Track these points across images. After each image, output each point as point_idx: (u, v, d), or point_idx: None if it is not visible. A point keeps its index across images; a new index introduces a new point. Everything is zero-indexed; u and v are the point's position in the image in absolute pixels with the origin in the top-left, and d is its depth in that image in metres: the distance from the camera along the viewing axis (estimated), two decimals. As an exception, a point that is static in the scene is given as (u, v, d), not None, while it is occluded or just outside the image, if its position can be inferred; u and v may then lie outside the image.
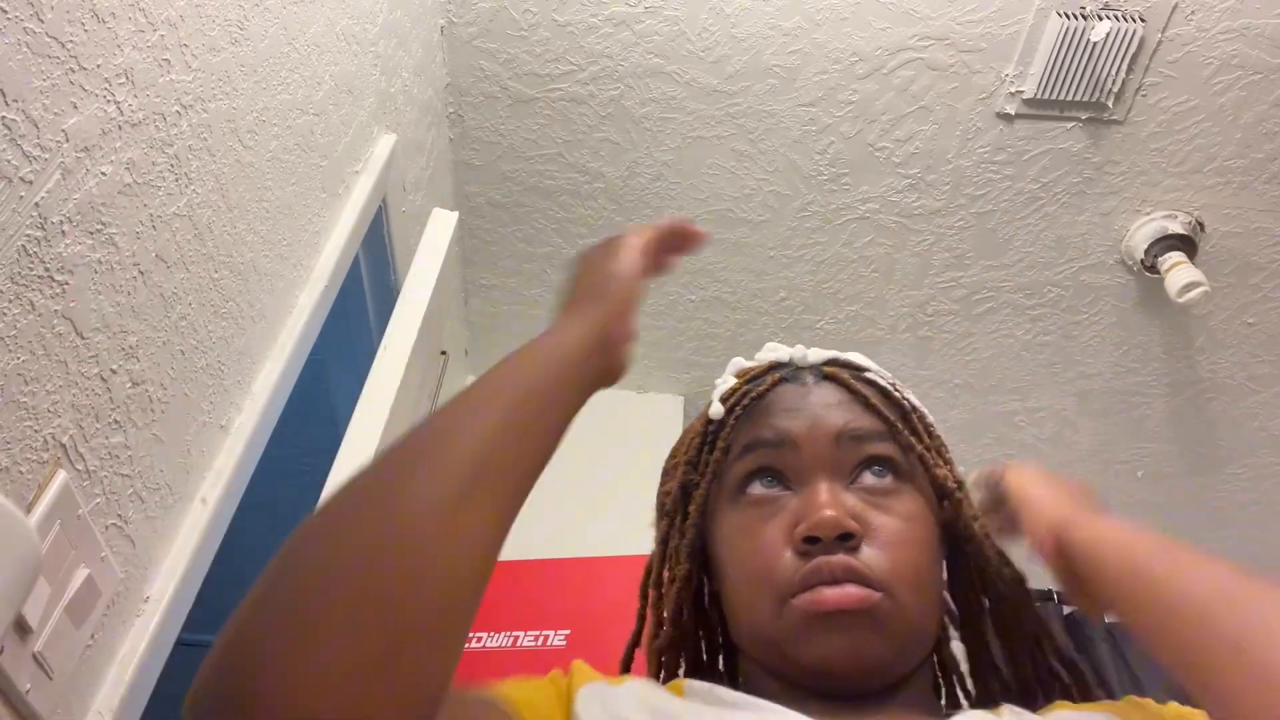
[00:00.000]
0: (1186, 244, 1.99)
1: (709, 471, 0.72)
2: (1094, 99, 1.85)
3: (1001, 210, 2.03)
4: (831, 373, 0.73)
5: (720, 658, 0.78)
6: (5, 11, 0.63)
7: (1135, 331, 2.21)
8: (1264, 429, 2.35)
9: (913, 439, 0.70)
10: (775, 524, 0.65)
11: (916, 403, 0.74)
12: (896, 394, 0.73)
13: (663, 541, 0.76)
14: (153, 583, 0.92)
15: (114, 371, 0.81)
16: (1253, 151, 1.91)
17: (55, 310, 0.72)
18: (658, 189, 2.06)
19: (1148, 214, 2.01)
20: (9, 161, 0.65)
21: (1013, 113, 1.89)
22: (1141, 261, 2.03)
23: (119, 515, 0.84)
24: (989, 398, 2.36)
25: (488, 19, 1.85)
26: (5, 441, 0.68)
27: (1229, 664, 0.49)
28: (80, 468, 0.78)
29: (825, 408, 0.69)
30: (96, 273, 0.77)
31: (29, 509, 0.71)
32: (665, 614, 0.74)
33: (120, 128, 0.79)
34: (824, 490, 0.64)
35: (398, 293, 1.55)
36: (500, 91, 1.94)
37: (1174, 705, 0.63)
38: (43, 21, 0.68)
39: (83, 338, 0.76)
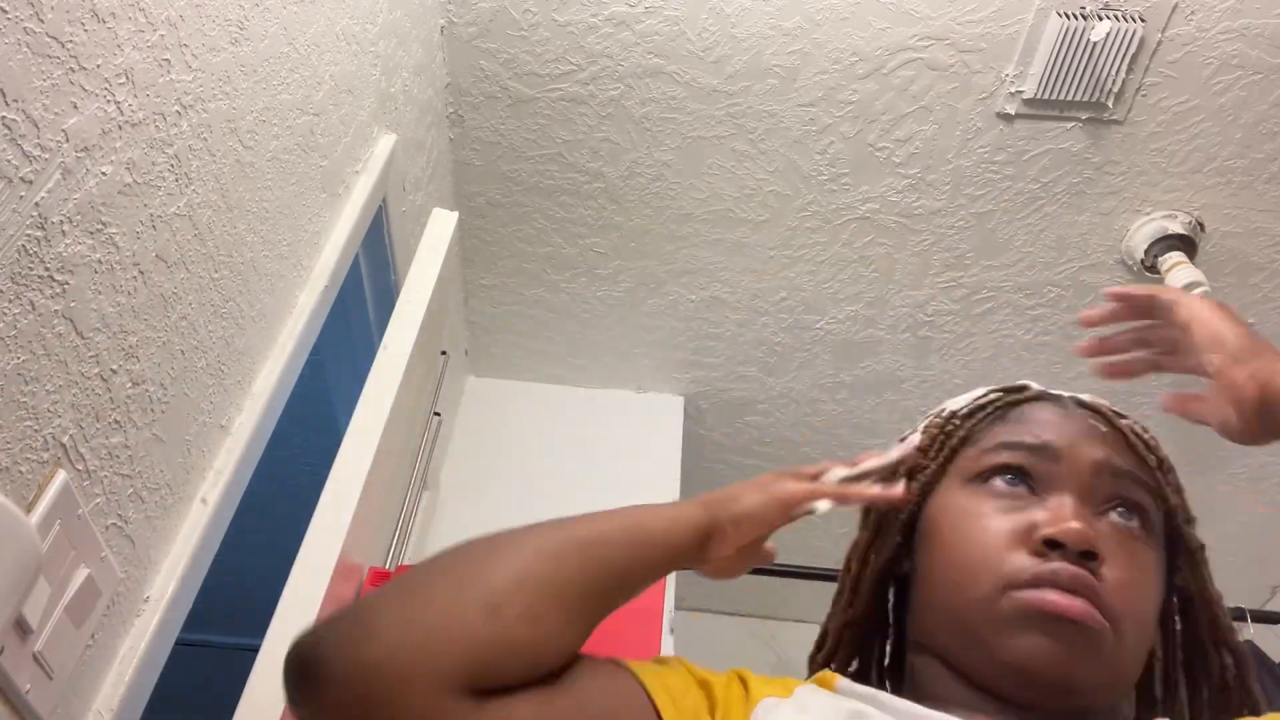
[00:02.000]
0: (1186, 244, 1.99)
1: (940, 456, 0.70)
2: (1094, 99, 1.85)
3: (1001, 210, 2.03)
4: (1093, 405, 0.72)
5: (883, 650, 0.77)
6: (5, 11, 0.63)
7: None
8: (1264, 429, 2.34)
9: (1167, 491, 0.69)
10: (1012, 519, 0.63)
11: (1167, 458, 0.73)
12: (1155, 445, 0.72)
13: (875, 524, 0.75)
14: (153, 583, 0.92)
15: (114, 371, 0.81)
16: (1253, 151, 1.91)
17: (55, 310, 0.72)
18: (658, 189, 2.06)
19: (1148, 214, 2.01)
20: (9, 161, 0.65)
21: (1013, 113, 1.89)
22: (1141, 261, 2.03)
23: (119, 515, 0.85)
24: (989, 398, 2.36)
25: (488, 19, 1.85)
26: (5, 441, 0.68)
27: None
28: (80, 468, 0.78)
29: (1090, 434, 0.68)
30: (96, 273, 0.77)
31: (29, 509, 0.71)
32: (861, 588, 0.73)
33: (120, 128, 0.79)
34: (1073, 504, 0.63)
35: (398, 293, 1.55)
36: (500, 91, 1.94)
37: None
38: (43, 21, 0.68)
39: (83, 338, 0.76)
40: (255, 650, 1.08)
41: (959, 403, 0.75)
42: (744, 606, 2.75)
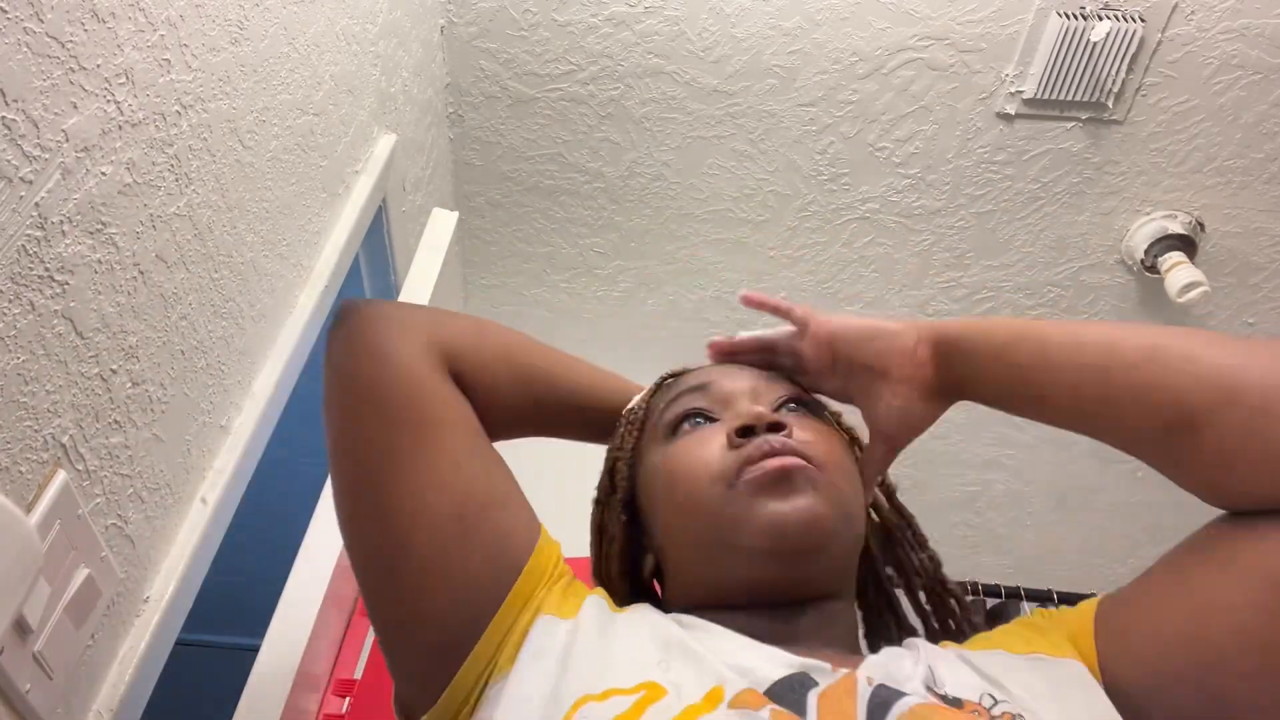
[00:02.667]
0: (1186, 244, 1.99)
1: (631, 438, 0.77)
2: (1094, 99, 1.85)
3: (1001, 210, 2.03)
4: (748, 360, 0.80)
5: None
6: (5, 11, 0.63)
7: (1135, 331, 2.21)
8: (1264, 429, 2.34)
9: (819, 399, 0.77)
10: (710, 439, 0.69)
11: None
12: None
13: (598, 522, 0.80)
14: (153, 583, 0.92)
15: (114, 371, 0.81)
16: (1253, 151, 1.91)
17: (55, 310, 0.72)
18: (658, 189, 2.06)
19: (1148, 214, 2.01)
20: (9, 161, 0.65)
21: (1013, 113, 1.89)
22: (1141, 261, 2.03)
23: (119, 515, 0.85)
24: (989, 398, 2.36)
25: (488, 19, 1.85)
26: (5, 441, 0.68)
27: (1144, 364, 0.59)
28: (80, 468, 0.78)
29: (739, 370, 0.77)
30: (96, 273, 0.77)
31: (29, 509, 0.71)
32: (604, 578, 0.79)
33: (120, 128, 0.79)
34: (748, 398, 0.71)
35: (398, 293, 1.55)
36: (500, 91, 1.94)
37: (1064, 608, 0.68)
38: (43, 21, 0.68)
39: (83, 338, 0.76)
40: (255, 650, 1.08)
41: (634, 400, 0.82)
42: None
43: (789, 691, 0.56)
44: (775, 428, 0.67)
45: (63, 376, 0.74)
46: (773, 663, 0.59)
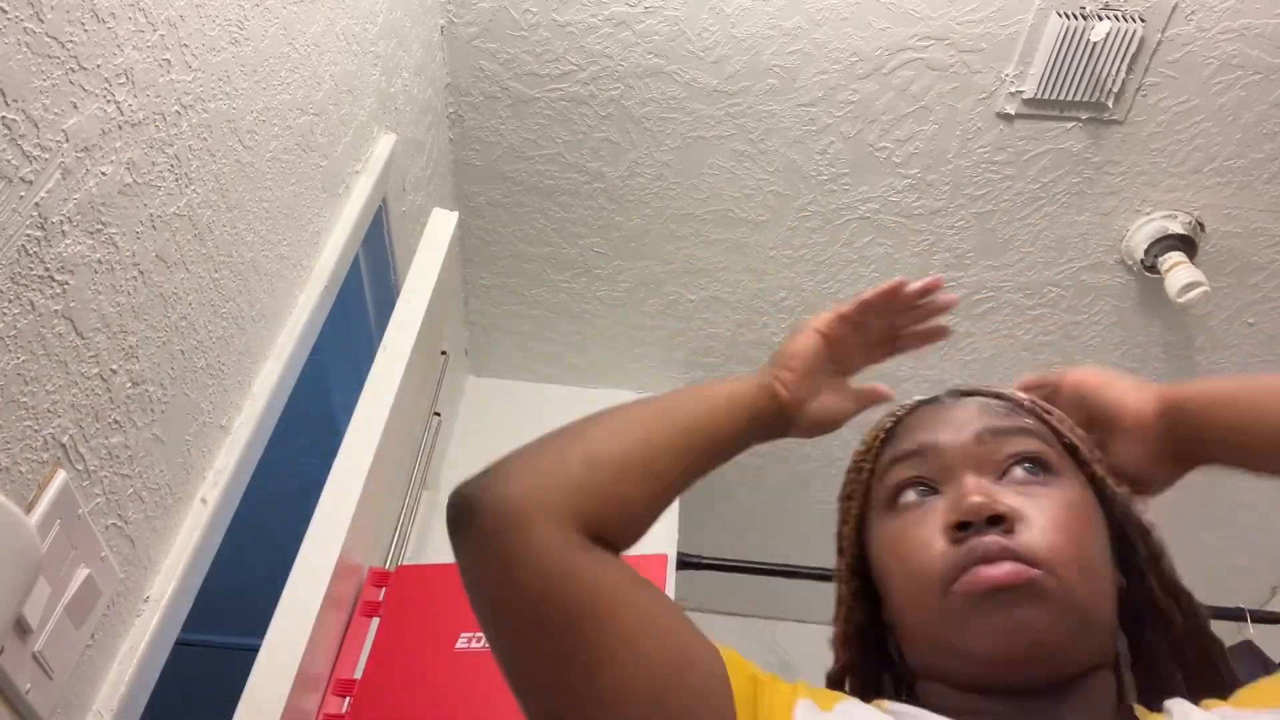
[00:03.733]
0: (1186, 244, 1.99)
1: (858, 500, 0.73)
2: (1094, 99, 1.85)
3: (1001, 210, 2.03)
4: (967, 388, 0.74)
5: (896, 687, 0.76)
6: (5, 11, 0.63)
7: (1135, 331, 2.21)
8: (1264, 429, 2.34)
9: (1061, 434, 0.70)
10: (928, 523, 0.65)
11: (1056, 410, 0.74)
12: (1036, 402, 0.73)
13: (836, 575, 0.77)
14: (153, 583, 0.92)
15: (114, 371, 0.81)
16: (1253, 151, 1.91)
17: (55, 310, 0.72)
18: (658, 189, 2.06)
19: (1148, 214, 2.01)
20: (9, 161, 0.65)
21: (1013, 113, 1.89)
22: (1141, 261, 2.03)
23: (119, 515, 0.85)
24: (989, 398, 2.36)
25: (488, 19, 1.85)
26: (5, 441, 0.68)
27: None
28: (80, 468, 0.78)
29: (965, 415, 0.70)
30: (96, 273, 0.77)
31: (29, 509, 0.71)
32: (838, 643, 0.75)
33: (120, 128, 0.79)
34: (970, 480, 0.64)
35: (398, 293, 1.55)
36: (500, 91, 1.94)
37: None
38: (43, 21, 0.68)
39: (83, 338, 0.76)
40: (255, 650, 1.08)
41: (868, 436, 0.78)
42: (744, 607, 2.75)
43: None
44: (995, 520, 0.61)
45: (63, 376, 0.74)
46: None
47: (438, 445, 2.09)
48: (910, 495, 0.68)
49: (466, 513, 0.63)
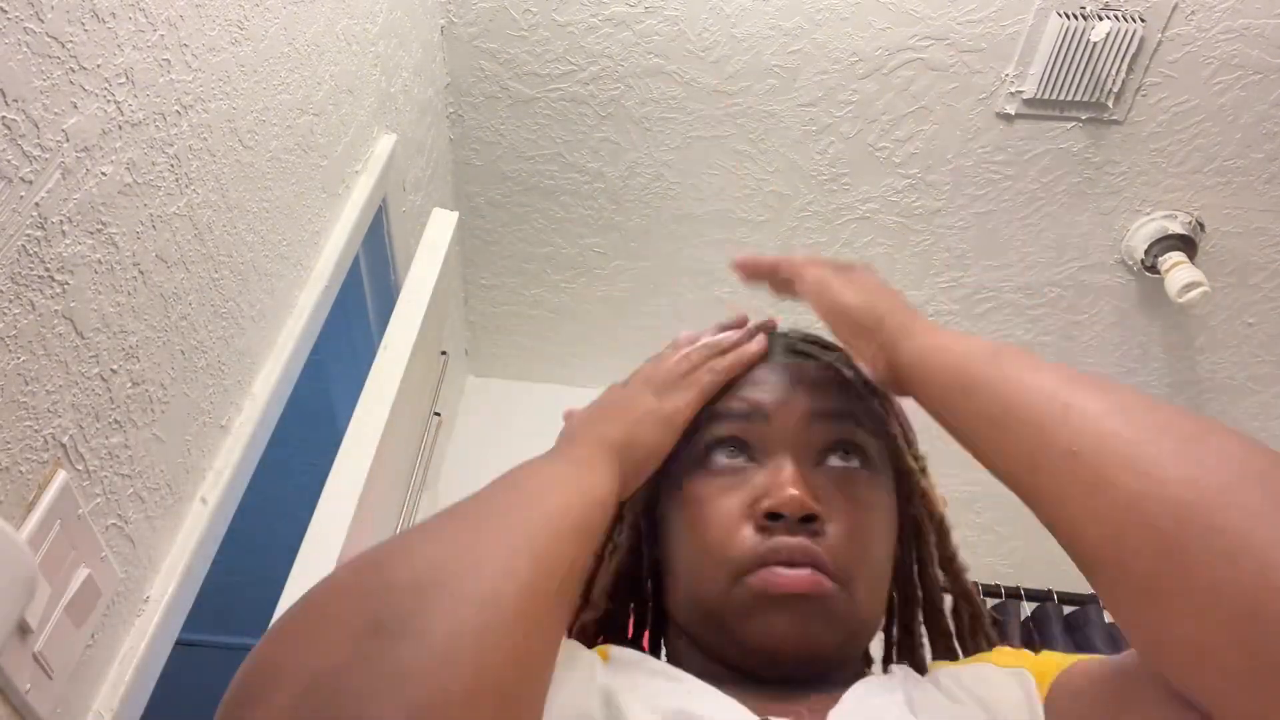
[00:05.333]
0: (1186, 244, 1.99)
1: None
2: (1094, 99, 1.85)
3: (1001, 210, 2.03)
4: (806, 350, 0.71)
5: (647, 633, 0.75)
6: (5, 11, 0.63)
7: (1135, 331, 2.21)
8: (1264, 429, 2.35)
9: (884, 423, 0.68)
10: (737, 496, 0.62)
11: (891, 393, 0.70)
12: (867, 381, 0.69)
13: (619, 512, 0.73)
14: (153, 583, 0.92)
15: (114, 371, 0.81)
16: (1253, 151, 1.91)
17: (55, 310, 0.72)
18: (658, 189, 2.06)
19: (1148, 214, 2.01)
20: (9, 161, 0.65)
21: (1013, 113, 1.89)
22: (1141, 261, 2.03)
23: (119, 515, 0.85)
24: (989, 398, 2.36)
25: (488, 19, 1.85)
26: (5, 441, 0.68)
27: (1063, 470, 0.48)
28: (80, 468, 0.78)
29: (799, 384, 0.67)
30: (96, 273, 0.77)
31: (29, 509, 0.71)
32: (602, 584, 0.72)
33: (120, 128, 0.79)
34: (790, 468, 0.62)
35: (398, 293, 1.55)
36: (500, 91, 1.94)
37: (1046, 652, 0.62)
38: (43, 21, 0.68)
39: (83, 338, 0.76)
40: (255, 650, 1.08)
41: None
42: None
43: None
44: (807, 519, 0.60)
45: (63, 376, 0.74)
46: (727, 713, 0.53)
47: (438, 445, 2.09)
48: (722, 458, 0.65)
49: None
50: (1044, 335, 2.24)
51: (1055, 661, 0.60)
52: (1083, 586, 2.11)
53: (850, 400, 0.67)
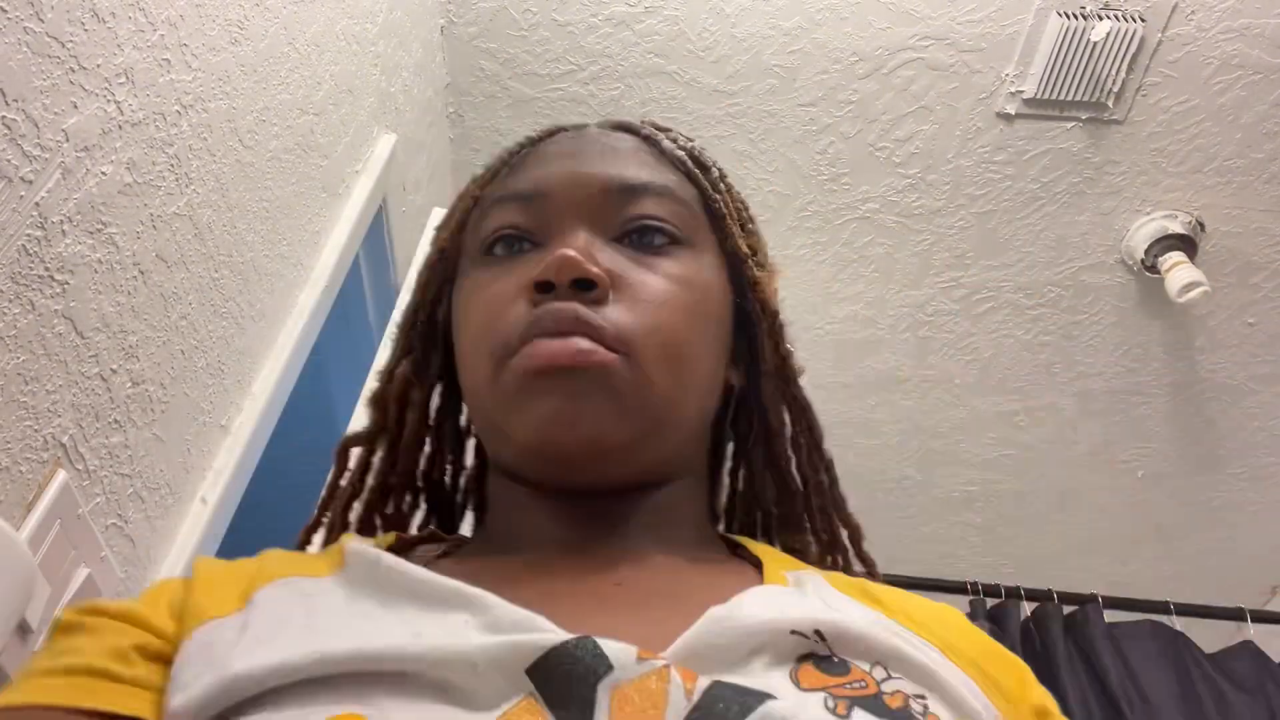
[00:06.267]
0: (1186, 244, 1.99)
1: (452, 229, 0.60)
2: (1094, 99, 1.85)
3: (1001, 210, 2.03)
4: (624, 123, 0.61)
5: (459, 481, 0.64)
6: (5, 11, 0.64)
7: (1135, 331, 2.21)
8: (1264, 429, 2.35)
9: (711, 199, 0.57)
10: (511, 278, 0.52)
11: (722, 169, 0.61)
12: (699, 153, 0.61)
13: (402, 328, 0.62)
14: (152, 583, 0.92)
15: (114, 371, 0.81)
16: (1253, 151, 1.91)
17: (55, 310, 0.72)
18: (658, 189, 2.05)
19: (1148, 214, 2.01)
20: (9, 161, 0.65)
21: (1013, 113, 1.89)
22: (1141, 261, 2.03)
23: (119, 515, 0.85)
24: (989, 398, 2.36)
25: (488, 19, 1.85)
26: (5, 441, 0.68)
27: None
28: (80, 468, 0.78)
29: (599, 156, 0.56)
30: (96, 273, 0.77)
31: (29, 509, 0.71)
32: (375, 402, 0.61)
33: (120, 128, 0.79)
34: (573, 237, 0.51)
35: (398, 293, 1.55)
36: (500, 91, 1.94)
37: (916, 597, 0.52)
38: (43, 21, 0.68)
39: (83, 338, 0.76)
40: (255, 650, 1.08)
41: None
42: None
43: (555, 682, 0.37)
44: (583, 286, 0.49)
45: (63, 376, 0.74)
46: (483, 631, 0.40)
47: (438, 445, 2.08)
48: (501, 248, 0.54)
49: None
50: (1044, 335, 2.24)
51: (1014, 677, 0.48)
52: (1083, 586, 2.12)
53: (663, 174, 0.56)
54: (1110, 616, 1.99)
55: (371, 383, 0.62)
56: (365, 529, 0.60)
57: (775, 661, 0.40)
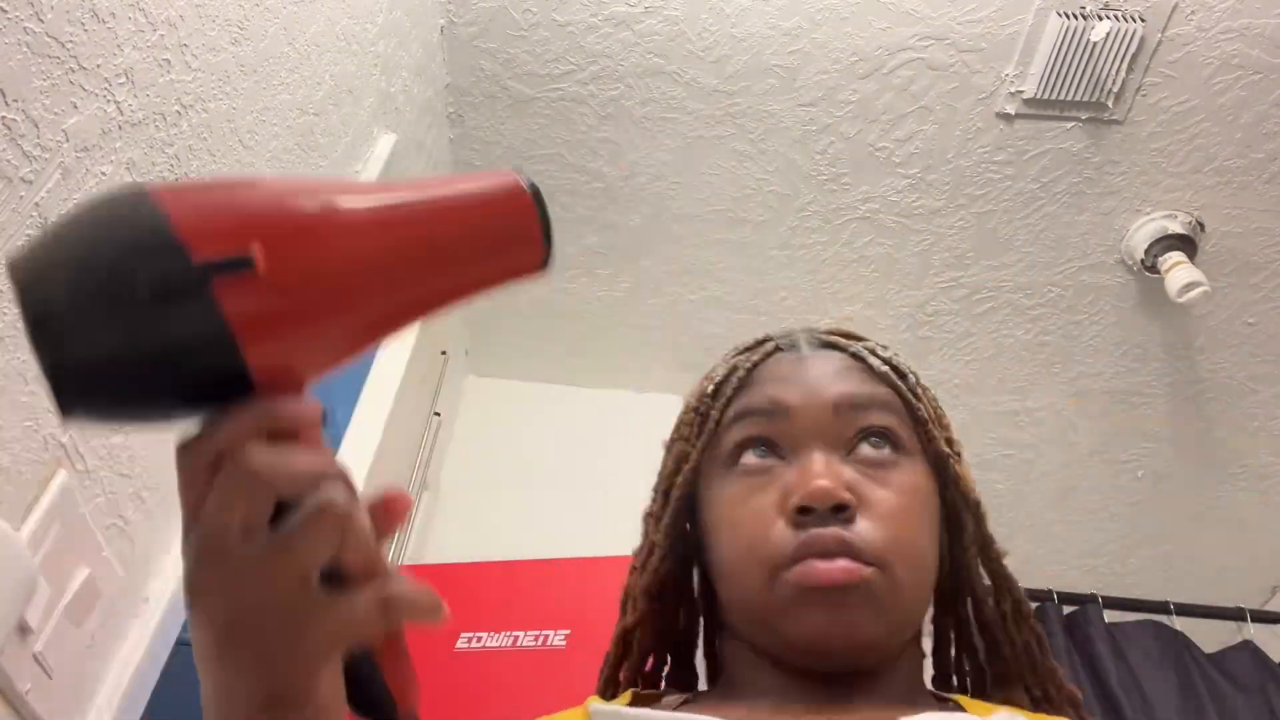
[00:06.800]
0: (1186, 244, 1.99)
1: (700, 445, 0.69)
2: (1094, 99, 1.85)
3: (1001, 210, 2.03)
4: (831, 341, 0.71)
5: (699, 643, 0.74)
6: (5, 11, 0.64)
7: (1135, 331, 2.21)
8: (1264, 429, 2.35)
9: (915, 408, 0.67)
10: (768, 494, 0.63)
11: (916, 373, 0.71)
12: (898, 363, 0.70)
13: (651, 518, 0.73)
14: (153, 583, 0.92)
15: (114, 371, 0.81)
16: (1253, 151, 1.91)
17: (55, 310, 0.72)
18: (658, 189, 2.06)
19: (1148, 214, 2.01)
20: (9, 161, 0.65)
21: (1013, 113, 1.89)
22: (1141, 261, 2.03)
23: (119, 515, 0.85)
24: (989, 398, 2.36)
25: (488, 19, 1.85)
26: (5, 441, 0.68)
27: None
28: (80, 468, 0.78)
29: (822, 376, 0.67)
30: (96, 273, 0.77)
31: (29, 509, 0.71)
32: (639, 590, 0.70)
33: (120, 128, 0.79)
34: (818, 460, 0.62)
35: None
36: (500, 91, 1.94)
37: None
38: (43, 21, 0.68)
39: (83, 338, 0.76)
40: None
41: (715, 375, 0.73)
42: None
43: None
44: (838, 509, 0.60)
45: (63, 376, 0.74)
46: None
47: (438, 445, 2.09)
48: (752, 457, 0.65)
49: None
50: (1044, 335, 2.24)
51: None
52: (1082, 586, 2.12)
53: (876, 386, 0.67)
54: (1110, 616, 2.00)
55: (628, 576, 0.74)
56: (609, 688, 0.71)
57: None
